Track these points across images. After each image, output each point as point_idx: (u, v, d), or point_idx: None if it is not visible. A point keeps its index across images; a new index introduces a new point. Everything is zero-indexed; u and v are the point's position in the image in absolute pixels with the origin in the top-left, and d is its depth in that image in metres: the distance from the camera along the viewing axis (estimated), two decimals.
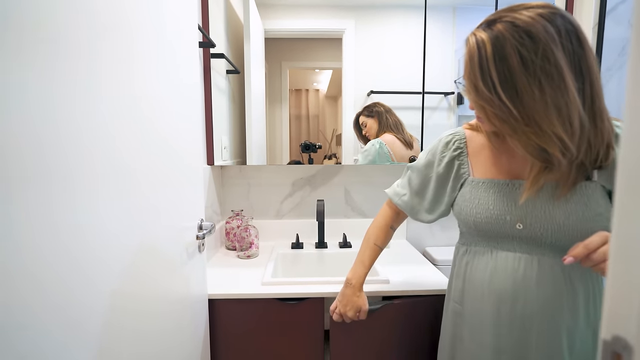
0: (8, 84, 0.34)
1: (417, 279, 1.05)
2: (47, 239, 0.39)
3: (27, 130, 0.36)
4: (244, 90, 1.37)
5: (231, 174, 1.46)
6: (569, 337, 0.65)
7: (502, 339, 0.68)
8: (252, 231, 1.27)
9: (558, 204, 0.63)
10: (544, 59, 0.54)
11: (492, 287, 0.69)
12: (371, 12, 1.40)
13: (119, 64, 0.52)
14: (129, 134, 0.55)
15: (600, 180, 0.63)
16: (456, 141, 0.77)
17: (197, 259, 0.86)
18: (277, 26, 1.39)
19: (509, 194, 0.68)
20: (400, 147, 1.43)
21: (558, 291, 0.64)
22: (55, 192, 0.40)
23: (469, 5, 1.46)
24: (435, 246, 1.50)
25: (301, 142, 1.42)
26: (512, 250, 0.68)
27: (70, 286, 0.43)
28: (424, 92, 1.42)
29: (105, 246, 0.50)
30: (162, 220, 0.67)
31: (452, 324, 0.79)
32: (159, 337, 0.66)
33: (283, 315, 0.98)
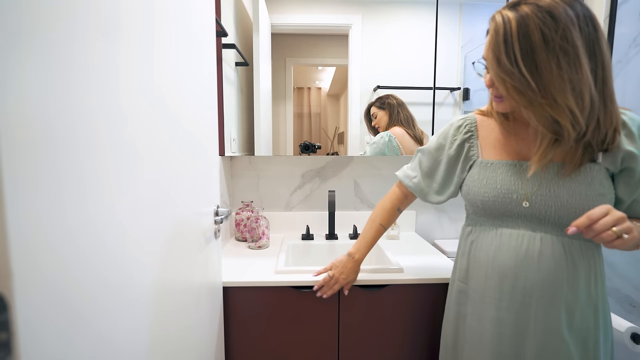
0: (22, 67, 0.31)
1: (430, 268, 1.05)
2: (80, 226, 0.39)
3: (40, 116, 0.33)
4: (252, 83, 1.37)
5: (241, 165, 1.45)
6: (568, 312, 0.68)
7: (502, 312, 0.71)
8: (263, 222, 1.27)
9: (563, 183, 0.66)
10: (563, 38, 0.58)
11: (495, 264, 0.72)
12: (378, 7, 1.40)
13: (139, 50, 0.51)
14: (152, 119, 0.54)
15: (604, 162, 0.66)
16: (467, 125, 0.81)
17: (214, 245, 0.86)
18: (283, 21, 1.39)
19: (516, 173, 0.71)
20: (409, 141, 1.43)
21: (559, 267, 0.67)
22: (85, 178, 0.39)
23: (476, 1, 1.46)
24: (444, 239, 1.50)
25: (300, 142, 1.42)
26: (516, 228, 0.71)
27: (102, 271, 0.43)
28: (435, 87, 1.43)
29: (140, 230, 0.50)
30: (185, 205, 0.67)
31: (456, 302, 0.82)
32: (177, 323, 0.66)
33: (298, 303, 0.98)
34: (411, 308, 1.00)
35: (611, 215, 0.57)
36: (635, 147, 0.64)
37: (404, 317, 1.00)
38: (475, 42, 1.46)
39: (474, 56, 1.45)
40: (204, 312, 0.79)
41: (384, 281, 0.98)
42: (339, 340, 1.00)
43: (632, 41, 1.21)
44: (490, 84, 0.69)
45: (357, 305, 0.99)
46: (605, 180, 0.66)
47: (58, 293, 0.35)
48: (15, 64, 0.29)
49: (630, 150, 0.64)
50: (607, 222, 0.56)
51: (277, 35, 1.40)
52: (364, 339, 1.01)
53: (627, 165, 0.65)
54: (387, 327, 1.00)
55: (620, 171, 0.66)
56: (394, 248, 1.25)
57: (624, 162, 0.65)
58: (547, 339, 0.68)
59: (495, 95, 0.70)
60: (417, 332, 1.01)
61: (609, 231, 0.56)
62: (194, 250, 0.74)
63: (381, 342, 1.01)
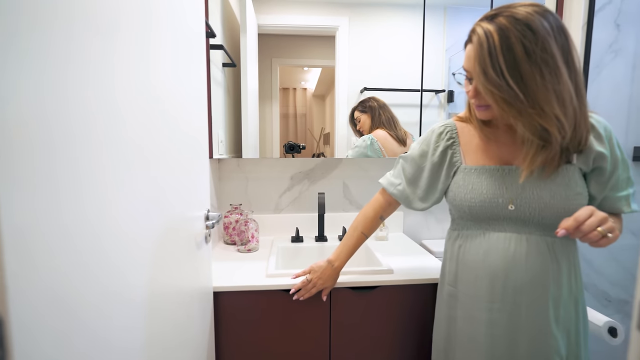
0: (20, 66, 0.30)
1: (419, 269, 1.07)
2: (76, 226, 0.37)
3: (37, 115, 0.32)
4: (238, 84, 1.36)
5: (229, 167, 1.44)
6: (555, 307, 0.71)
7: (494, 314, 0.73)
8: (252, 225, 1.26)
9: (544, 185, 0.69)
10: (542, 49, 0.61)
11: (485, 266, 0.74)
12: (364, 10, 1.41)
13: (135, 49, 0.50)
14: (147, 120, 0.53)
15: (578, 163, 0.71)
16: (448, 132, 0.82)
17: (205, 250, 0.85)
18: (270, 21, 1.38)
19: (499, 178, 0.74)
20: (392, 143, 1.44)
21: (544, 265, 0.70)
22: (76, 179, 0.38)
23: (459, 5, 1.49)
24: (431, 239, 1.53)
25: (285, 143, 1.41)
26: (502, 231, 0.74)
27: (99, 274, 0.41)
28: (422, 90, 1.45)
29: (133, 234, 0.48)
30: (176, 209, 0.65)
31: (446, 306, 0.83)
32: (168, 330, 0.64)
33: (289, 306, 0.97)
34: (401, 309, 1.02)
35: (595, 216, 0.60)
36: (604, 148, 0.69)
37: (395, 318, 1.02)
38: (459, 45, 1.49)
39: (459, 59, 1.48)
40: (194, 319, 0.78)
41: (375, 282, 0.99)
42: (330, 342, 1.01)
43: (608, 47, 1.27)
44: (474, 95, 0.69)
45: (348, 307, 1.00)
46: (579, 179, 0.70)
47: (54, 293, 0.33)
48: (13, 63, 0.28)
49: (600, 151, 0.69)
50: (593, 223, 0.59)
51: (263, 35, 1.38)
52: (356, 341, 1.01)
53: (598, 165, 0.70)
54: (378, 328, 1.01)
55: (592, 170, 0.71)
56: (383, 249, 1.26)
57: (595, 162, 0.70)
58: (538, 334, 0.71)
59: (478, 105, 0.71)
60: (408, 332, 1.03)
61: (595, 231, 0.59)
62: (185, 255, 0.73)
63: (373, 344, 1.02)
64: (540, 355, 0.71)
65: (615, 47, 1.27)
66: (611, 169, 0.70)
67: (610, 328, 1.07)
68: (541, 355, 0.71)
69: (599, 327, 1.08)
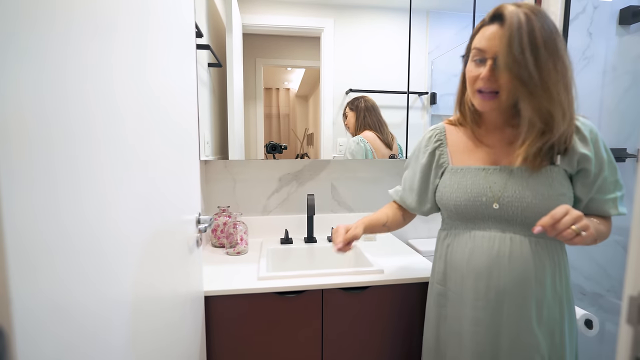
0: (20, 64, 0.29)
1: (409, 268, 1.09)
2: (75, 226, 0.36)
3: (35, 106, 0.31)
4: (223, 85, 1.34)
5: (216, 169, 1.41)
6: (537, 307, 0.73)
7: (478, 312, 0.75)
8: (241, 227, 1.24)
9: (527, 185, 0.72)
10: (554, 42, 0.66)
11: (470, 265, 0.76)
12: (350, 12, 1.42)
13: (132, 48, 0.49)
14: (141, 118, 0.52)
15: (562, 164, 0.72)
16: (437, 134, 0.86)
17: (196, 254, 0.83)
18: (255, 21, 1.37)
19: (485, 178, 0.76)
20: (380, 145, 1.46)
21: (527, 265, 0.72)
22: (72, 178, 0.37)
23: (441, 9, 1.53)
24: (417, 238, 1.56)
25: (266, 143, 1.40)
26: (487, 230, 0.76)
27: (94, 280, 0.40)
28: (409, 92, 1.48)
29: (129, 234, 0.47)
30: (170, 212, 0.64)
31: (436, 305, 0.86)
32: (158, 337, 0.63)
33: (281, 308, 0.97)
34: (392, 308, 1.03)
35: (570, 214, 0.62)
36: (588, 150, 0.71)
37: (386, 317, 1.03)
38: (442, 48, 1.53)
39: (441, 62, 1.52)
40: (186, 325, 0.76)
41: (366, 283, 1.00)
42: (322, 343, 1.01)
43: (582, 54, 1.34)
44: (489, 75, 0.69)
45: (340, 307, 1.00)
46: (564, 180, 0.72)
47: (54, 299, 0.32)
48: (13, 61, 0.27)
49: (585, 153, 0.71)
50: (567, 221, 0.62)
51: (248, 35, 1.37)
52: (348, 341, 1.02)
53: (583, 167, 0.72)
54: (370, 327, 1.03)
55: (577, 172, 0.73)
56: (372, 249, 1.28)
57: (579, 163, 0.72)
58: (519, 334, 0.73)
59: (487, 90, 0.71)
60: (399, 331, 1.05)
61: (569, 229, 0.62)
62: (178, 260, 0.71)
63: (365, 343, 1.03)
64: (521, 354, 0.73)
65: (588, 54, 1.34)
66: (596, 171, 0.72)
67: (587, 320, 1.13)
68: (522, 354, 0.73)
69: (576, 320, 1.14)
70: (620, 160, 1.37)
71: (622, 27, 1.35)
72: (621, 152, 1.37)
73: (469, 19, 1.51)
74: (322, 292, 0.99)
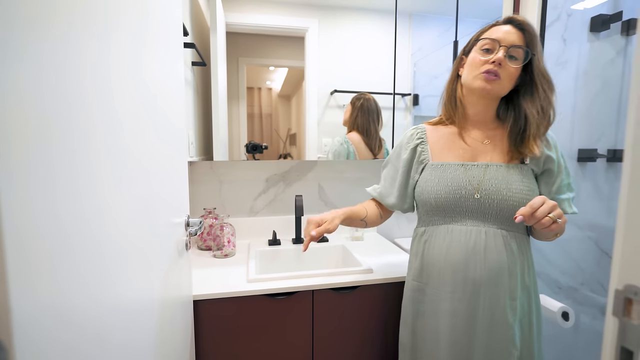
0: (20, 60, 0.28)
1: (397, 267, 1.11)
2: (74, 226, 0.35)
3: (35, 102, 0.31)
4: (207, 84, 1.32)
5: (201, 170, 1.39)
6: (510, 298, 0.78)
7: (455, 304, 0.79)
8: (228, 229, 1.23)
9: (502, 179, 0.78)
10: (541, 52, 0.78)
11: (448, 260, 0.81)
12: (334, 13, 1.42)
13: (130, 46, 0.47)
14: (137, 119, 0.50)
15: (531, 164, 0.81)
16: (418, 132, 0.92)
17: (185, 258, 0.82)
18: (238, 20, 1.35)
19: (463, 172, 0.82)
20: (364, 149, 1.47)
21: (501, 257, 0.77)
22: (71, 176, 0.36)
23: (424, 12, 1.57)
24: (402, 237, 1.59)
25: (247, 143, 1.38)
26: (464, 224, 0.81)
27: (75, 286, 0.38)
28: (395, 93, 1.50)
29: (129, 236, 0.45)
30: (162, 213, 0.62)
31: (413, 301, 0.88)
32: (149, 343, 0.61)
33: (272, 310, 0.96)
34: (382, 306, 1.05)
35: (547, 204, 0.68)
36: (552, 153, 0.80)
37: (376, 315, 1.05)
38: (424, 51, 1.56)
39: (423, 64, 1.56)
40: (178, 331, 0.74)
41: (356, 282, 1.01)
42: (313, 343, 1.01)
43: (557, 59, 1.40)
44: (502, 59, 0.76)
45: (331, 307, 1.01)
46: (532, 178, 0.80)
47: (54, 305, 0.30)
48: (13, 57, 0.26)
49: (550, 155, 0.80)
50: (545, 210, 0.67)
51: (231, 34, 1.35)
52: (339, 339, 1.03)
53: (547, 167, 0.81)
54: (360, 326, 1.04)
55: (542, 172, 0.82)
56: (359, 249, 1.29)
57: (545, 164, 0.80)
58: (494, 323, 0.77)
59: (494, 74, 0.77)
60: (389, 327, 1.06)
61: (547, 217, 0.67)
62: (169, 264, 0.69)
63: (355, 341, 1.04)
64: (497, 345, 0.77)
65: (562, 60, 1.41)
66: (557, 172, 0.81)
67: (564, 313, 1.19)
68: (497, 345, 0.77)
69: (554, 313, 1.19)
70: (591, 161, 1.45)
71: (593, 34, 1.43)
72: (592, 152, 1.44)
73: (450, 22, 1.55)
74: (312, 292, 0.99)
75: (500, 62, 0.76)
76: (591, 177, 1.46)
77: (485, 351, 0.77)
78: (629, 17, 1.39)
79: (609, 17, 1.40)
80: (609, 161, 1.47)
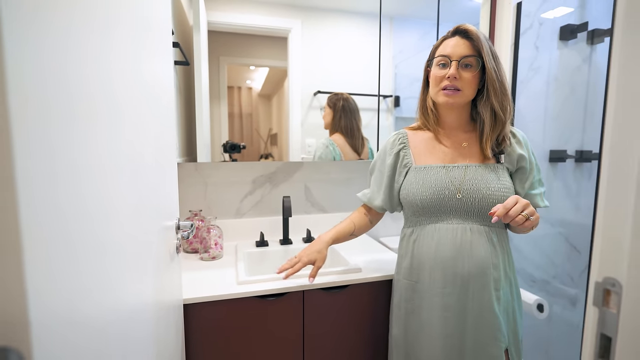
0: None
1: (384, 265, 1.14)
2: (78, 222, 0.34)
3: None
4: (189, 83, 1.29)
5: (186, 172, 1.36)
6: (495, 288, 0.84)
7: (446, 298, 0.84)
8: (215, 231, 1.21)
9: (481, 179, 0.84)
10: (497, 54, 0.83)
11: (437, 256, 0.85)
12: (317, 14, 1.42)
13: (131, 44, 0.46)
14: (135, 115, 0.49)
15: (506, 163, 0.87)
16: (400, 138, 0.96)
17: (176, 261, 0.80)
18: (220, 19, 1.33)
19: (445, 174, 0.87)
20: (349, 151, 1.49)
21: (486, 252, 0.83)
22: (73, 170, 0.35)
23: (405, 16, 1.61)
24: (388, 236, 1.62)
25: (224, 142, 1.36)
26: (450, 223, 0.85)
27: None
28: (380, 95, 1.53)
29: (124, 236, 0.45)
30: (154, 215, 0.61)
31: (403, 300, 0.92)
32: (143, 348, 0.60)
33: (262, 312, 0.97)
34: (371, 304, 1.07)
35: (519, 203, 0.74)
36: (524, 151, 0.87)
37: (365, 313, 1.07)
38: (405, 53, 1.61)
39: (404, 67, 1.60)
40: (170, 336, 0.73)
41: (345, 282, 1.03)
42: (303, 342, 1.02)
43: (530, 65, 1.48)
44: (455, 73, 0.81)
45: (321, 307, 1.02)
46: (507, 176, 0.86)
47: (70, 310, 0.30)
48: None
49: (522, 153, 0.86)
50: (518, 209, 0.73)
51: (212, 32, 1.32)
52: (329, 338, 1.04)
53: (521, 165, 0.87)
54: (350, 324, 1.06)
55: (516, 170, 0.88)
56: (347, 249, 1.31)
57: (518, 162, 0.87)
58: (482, 313, 0.82)
59: (452, 89, 0.82)
60: (378, 325, 1.09)
61: (520, 215, 0.73)
62: (162, 267, 0.68)
63: (345, 340, 1.06)
64: (486, 333, 0.82)
65: (535, 66, 1.49)
66: (529, 170, 0.87)
67: (539, 305, 1.26)
68: (486, 333, 0.82)
69: (530, 305, 1.27)
70: (561, 161, 1.55)
71: (562, 42, 1.52)
72: (562, 153, 1.54)
73: (431, 25, 1.60)
74: (302, 292, 1.00)
75: (455, 76, 0.81)
76: (561, 177, 1.55)
77: (475, 340, 0.82)
78: (594, 27, 1.49)
79: (576, 27, 1.49)
80: (577, 161, 1.57)
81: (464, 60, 0.81)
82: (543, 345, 1.55)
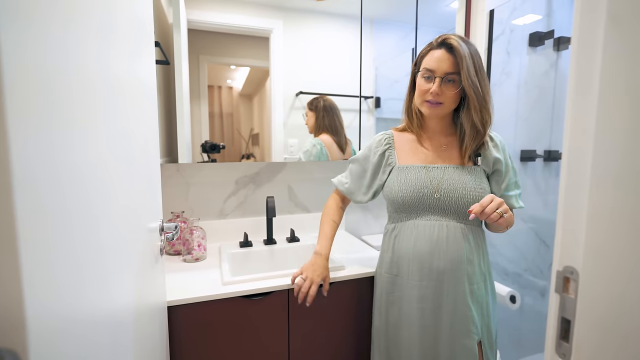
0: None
1: (366, 262, 1.17)
2: (79, 221, 0.34)
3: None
4: (169, 83, 1.28)
5: (167, 173, 1.35)
6: (469, 283, 0.89)
7: (423, 290, 0.89)
8: (198, 233, 1.21)
9: (458, 179, 0.89)
10: (482, 66, 0.85)
11: (415, 252, 0.90)
12: (299, 15, 1.44)
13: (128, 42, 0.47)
14: (121, 115, 0.50)
15: (482, 165, 0.92)
16: (386, 138, 1.00)
17: (160, 263, 0.80)
18: (201, 17, 1.32)
19: (425, 174, 0.91)
20: (336, 150, 1.52)
21: (460, 247, 0.88)
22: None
23: (385, 19, 1.65)
24: (370, 234, 1.66)
25: (203, 142, 1.35)
26: (428, 219, 0.90)
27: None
28: (361, 96, 1.57)
29: (120, 238, 0.45)
30: (142, 216, 0.61)
31: (384, 292, 0.96)
32: (129, 352, 0.60)
33: (248, 311, 0.98)
34: (354, 300, 1.10)
35: (494, 201, 0.79)
36: (500, 155, 0.91)
37: (349, 310, 1.10)
38: (385, 56, 1.65)
39: (384, 68, 1.64)
40: (155, 339, 0.73)
41: (331, 279, 1.05)
42: (289, 340, 1.04)
43: (502, 70, 1.56)
44: (437, 91, 0.84)
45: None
46: (484, 178, 0.91)
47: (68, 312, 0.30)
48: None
49: (498, 157, 0.91)
50: (493, 207, 0.78)
51: (192, 31, 1.31)
52: (313, 335, 1.06)
53: (497, 168, 0.92)
54: (334, 321, 1.08)
55: (492, 173, 0.93)
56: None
57: (494, 165, 0.92)
58: (456, 306, 0.87)
59: (435, 102, 0.86)
60: (361, 320, 1.12)
61: (495, 213, 0.78)
62: (147, 269, 0.68)
63: (330, 336, 1.09)
64: (459, 325, 0.87)
65: (507, 70, 1.57)
66: (505, 172, 0.92)
67: (511, 296, 1.34)
68: (460, 325, 0.87)
69: (503, 296, 1.34)
70: (531, 160, 1.64)
71: (531, 48, 1.61)
72: (532, 153, 1.63)
73: (409, 28, 1.64)
74: (288, 291, 1.01)
75: (437, 92, 0.85)
76: (532, 175, 1.65)
77: (450, 331, 0.87)
78: (560, 35, 1.59)
79: (544, 34, 1.59)
80: (545, 161, 1.67)
81: (447, 77, 0.84)
82: (515, 334, 1.64)
